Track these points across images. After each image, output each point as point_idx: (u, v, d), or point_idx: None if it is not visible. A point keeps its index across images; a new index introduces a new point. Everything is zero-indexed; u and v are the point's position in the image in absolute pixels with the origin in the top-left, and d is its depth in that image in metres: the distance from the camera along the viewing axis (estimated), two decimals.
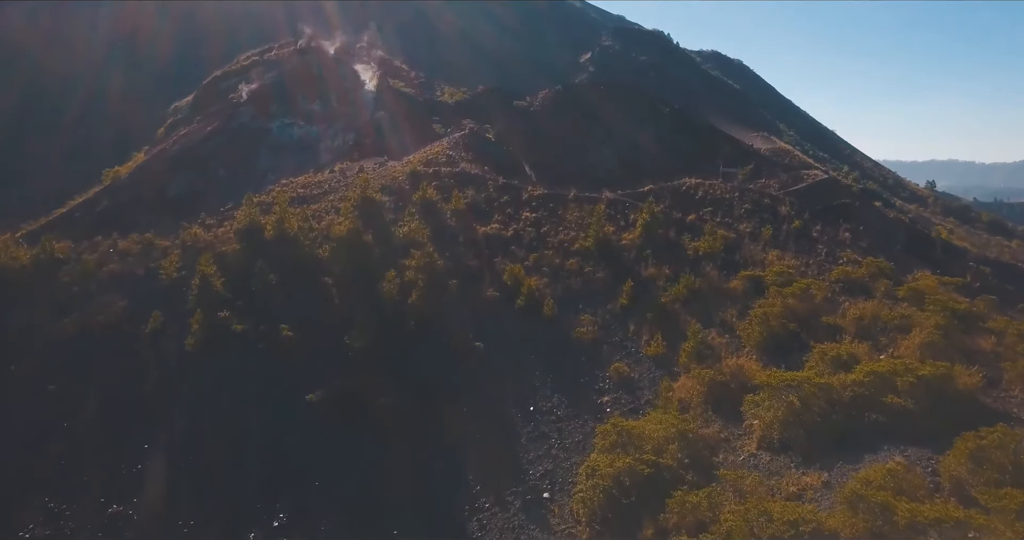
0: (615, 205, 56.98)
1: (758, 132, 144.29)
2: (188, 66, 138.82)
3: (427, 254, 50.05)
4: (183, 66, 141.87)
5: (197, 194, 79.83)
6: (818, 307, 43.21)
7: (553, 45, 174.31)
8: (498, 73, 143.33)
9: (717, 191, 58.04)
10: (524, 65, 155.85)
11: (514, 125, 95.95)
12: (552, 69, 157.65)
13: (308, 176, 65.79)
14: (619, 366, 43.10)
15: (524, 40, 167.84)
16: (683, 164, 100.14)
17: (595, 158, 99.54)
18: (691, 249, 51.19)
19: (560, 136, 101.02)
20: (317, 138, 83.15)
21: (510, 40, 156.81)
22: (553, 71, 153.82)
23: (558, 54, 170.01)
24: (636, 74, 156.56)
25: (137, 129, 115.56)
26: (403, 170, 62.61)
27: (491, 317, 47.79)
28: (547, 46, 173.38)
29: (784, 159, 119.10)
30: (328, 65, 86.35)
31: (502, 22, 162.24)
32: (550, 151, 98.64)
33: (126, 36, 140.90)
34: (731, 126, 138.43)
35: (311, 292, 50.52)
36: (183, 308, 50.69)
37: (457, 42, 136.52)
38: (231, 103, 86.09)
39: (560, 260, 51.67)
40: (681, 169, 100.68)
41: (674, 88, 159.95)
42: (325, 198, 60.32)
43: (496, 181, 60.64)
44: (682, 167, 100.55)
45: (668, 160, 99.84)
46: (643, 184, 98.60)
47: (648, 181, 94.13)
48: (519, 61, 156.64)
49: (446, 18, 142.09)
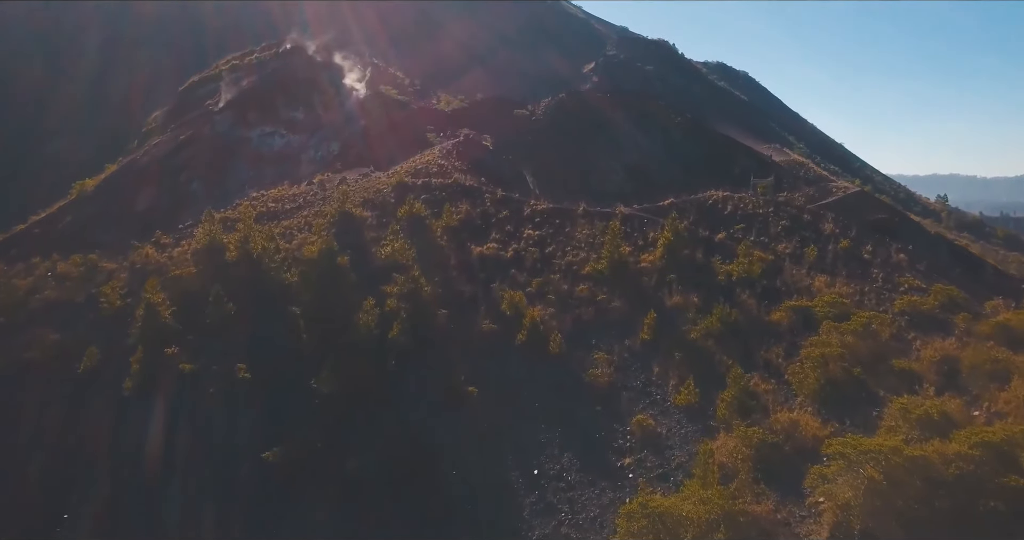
0: (631, 221, 48.90)
1: (770, 144, 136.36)
2: (189, 70, 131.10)
3: (412, 279, 41.94)
4: (181, 71, 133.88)
5: (167, 209, 71.89)
6: (885, 347, 34.99)
7: (555, 55, 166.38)
8: (498, 82, 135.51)
9: (748, 206, 49.92)
10: (525, 75, 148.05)
11: (514, 134, 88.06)
12: (554, 79, 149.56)
13: (282, 189, 57.84)
14: (642, 418, 34.85)
15: (525, 50, 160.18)
16: (696, 176, 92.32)
17: (602, 169, 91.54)
18: (723, 273, 43.02)
19: (564, 146, 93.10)
20: (299, 148, 75.23)
21: (510, 49, 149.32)
22: (555, 81, 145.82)
23: (560, 64, 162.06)
24: (641, 84, 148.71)
25: (124, 138, 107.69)
26: (388, 182, 54.63)
27: (487, 355, 39.62)
28: (549, 56, 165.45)
29: (800, 171, 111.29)
30: (313, 69, 78.68)
31: (502, 31, 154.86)
32: (553, 162, 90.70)
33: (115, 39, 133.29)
34: (741, 138, 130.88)
35: (276, 324, 42.40)
36: (126, 342, 42.67)
37: (455, 50, 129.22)
38: (207, 111, 78.27)
39: (568, 286, 43.53)
40: (694, 181, 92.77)
41: (680, 98, 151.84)
42: (299, 213, 52.29)
43: (494, 194, 52.64)
44: (695, 179, 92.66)
45: (680, 172, 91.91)
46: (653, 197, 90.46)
47: (659, 194, 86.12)
48: (520, 71, 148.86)
49: (444, 25, 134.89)
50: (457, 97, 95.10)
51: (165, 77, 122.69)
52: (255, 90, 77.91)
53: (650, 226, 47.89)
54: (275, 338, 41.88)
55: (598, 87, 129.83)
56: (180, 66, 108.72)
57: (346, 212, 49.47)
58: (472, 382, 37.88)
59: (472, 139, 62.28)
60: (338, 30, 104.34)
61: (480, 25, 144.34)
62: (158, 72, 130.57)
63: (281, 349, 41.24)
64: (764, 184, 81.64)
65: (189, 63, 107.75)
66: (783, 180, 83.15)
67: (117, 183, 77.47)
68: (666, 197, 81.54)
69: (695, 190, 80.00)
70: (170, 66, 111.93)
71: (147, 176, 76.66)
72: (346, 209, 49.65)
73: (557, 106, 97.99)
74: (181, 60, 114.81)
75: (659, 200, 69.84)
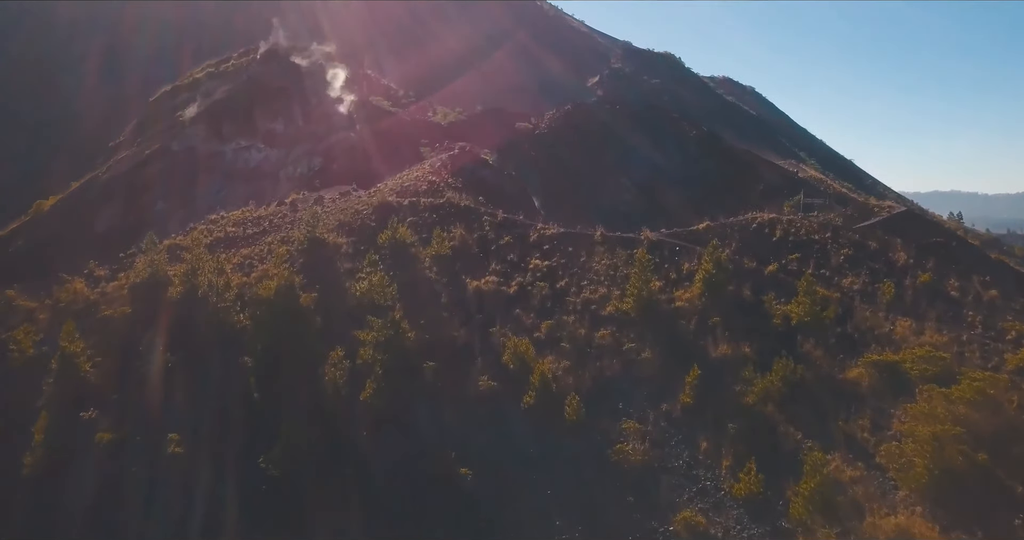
0: (660, 249, 39.99)
1: (785, 160, 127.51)
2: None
3: (392, 323, 33.07)
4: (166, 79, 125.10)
5: (129, 231, 63.19)
6: (1016, 422, 26.03)
7: (558, 68, 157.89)
8: (497, 96, 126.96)
9: (802, 230, 40.93)
10: (526, 88, 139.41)
11: (517, 149, 79.57)
12: (557, 93, 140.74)
13: (246, 210, 49.02)
14: (689, 515, 25.95)
15: (526, 62, 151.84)
16: (716, 193, 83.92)
17: (611, 186, 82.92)
18: (779, 316, 34.06)
19: (570, 162, 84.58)
20: (278, 163, 66.61)
21: (511, 61, 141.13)
22: (558, 95, 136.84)
23: (563, 78, 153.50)
24: (648, 98, 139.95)
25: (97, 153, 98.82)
26: (369, 202, 45.77)
27: (485, 423, 30.72)
28: (552, 69, 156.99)
29: (820, 187, 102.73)
30: (294, 77, 70.20)
31: (502, 43, 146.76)
32: (559, 178, 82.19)
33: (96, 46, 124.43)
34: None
35: (223, 380, 33.51)
36: (37, 402, 33.78)
37: (451, 60, 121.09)
38: (176, 122, 69.71)
39: (586, 330, 34.58)
40: (714, 199, 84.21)
41: (689, 113, 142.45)
42: (262, 240, 43.40)
43: (493, 216, 43.79)
44: (714, 196, 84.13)
45: (696, 189, 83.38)
46: (668, 216, 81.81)
47: (675, 213, 77.40)
48: (521, 84, 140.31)
49: (440, 34, 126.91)
50: (454, 109, 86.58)
51: (153, 84, 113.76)
52: (230, 100, 69.38)
53: (684, 255, 38.93)
54: (221, 397, 32.99)
55: (603, 101, 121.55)
56: (167, 74, 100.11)
57: (316, 238, 40.65)
58: (465, 460, 28.99)
59: (469, 152, 53.47)
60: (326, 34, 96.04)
61: (480, 35, 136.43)
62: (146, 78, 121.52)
63: (226, 413, 32.35)
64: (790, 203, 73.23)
65: (176, 70, 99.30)
66: (812, 198, 74.55)
67: (76, 202, 68.77)
68: (683, 216, 72.39)
69: (716, 209, 71.18)
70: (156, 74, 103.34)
71: (108, 195, 68.04)
72: (316, 235, 40.83)
73: (563, 119, 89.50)
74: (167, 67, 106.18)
75: (676, 219, 61.42)
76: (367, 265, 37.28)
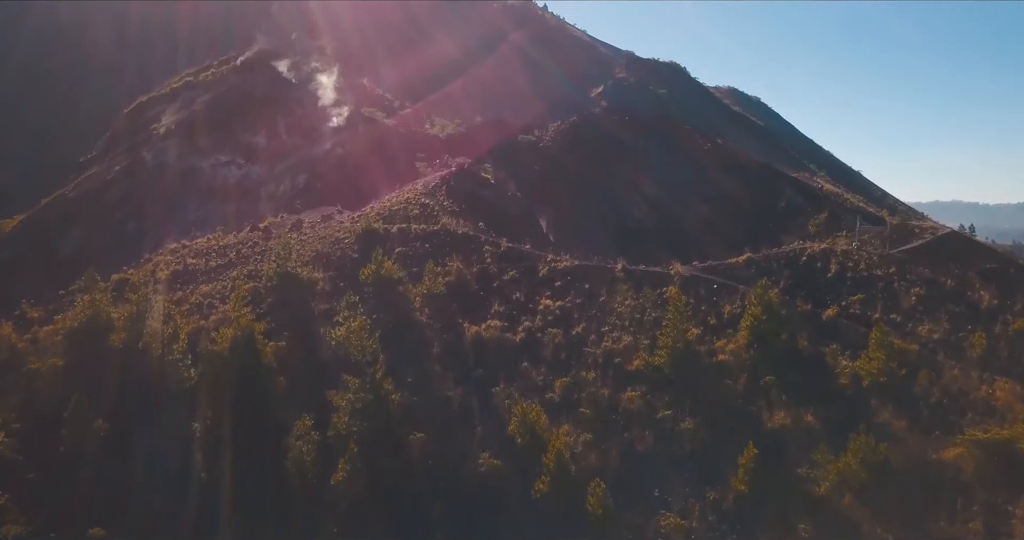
0: (694, 286, 33.40)
1: (799, 172, 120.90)
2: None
3: (372, 383, 26.60)
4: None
5: (97, 253, 56.78)
6: None
7: (560, 78, 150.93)
8: (498, 108, 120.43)
9: (860, 263, 34.32)
10: (528, 98, 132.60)
11: (520, 163, 73.31)
12: (560, 103, 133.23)
13: (213, 237, 42.50)
14: None
15: (527, 71, 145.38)
16: (730, 210, 77.67)
17: (622, 202, 76.57)
18: (847, 373, 27.48)
19: (577, 176, 78.25)
20: (260, 180, 60.23)
21: (512, 71, 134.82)
22: (561, 105, 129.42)
23: (566, 88, 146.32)
24: (655, 109, 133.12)
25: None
26: (352, 229, 39.17)
27: (487, 514, 24.10)
28: (554, 80, 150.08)
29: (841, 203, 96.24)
30: (279, 86, 63.85)
31: (502, 53, 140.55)
32: (565, 194, 75.84)
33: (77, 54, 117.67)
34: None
35: (165, 454, 26.92)
36: None
37: (451, 71, 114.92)
38: (152, 136, 63.38)
39: (610, 390, 28.02)
40: (729, 217, 78.02)
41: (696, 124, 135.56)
42: (227, 274, 36.81)
43: (496, 245, 37.23)
44: (729, 214, 77.92)
45: (713, 206, 77.09)
46: (684, 234, 75.62)
47: (693, 233, 71.00)
48: (523, 93, 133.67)
49: (438, 43, 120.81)
50: (453, 121, 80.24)
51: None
52: (208, 111, 62.99)
53: (724, 295, 32.34)
54: (161, 476, 26.45)
55: (609, 111, 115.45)
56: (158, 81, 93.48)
57: (288, 274, 34.09)
58: None
59: (467, 170, 46.81)
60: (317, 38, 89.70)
61: (479, 42, 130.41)
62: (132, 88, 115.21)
63: (167, 497, 25.78)
64: (816, 222, 67.01)
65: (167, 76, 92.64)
66: (840, 217, 68.09)
67: (40, 223, 62.35)
68: (698, 235, 66.17)
69: (733, 227, 65.88)
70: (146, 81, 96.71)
71: (75, 215, 61.68)
72: (288, 269, 34.27)
73: (569, 131, 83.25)
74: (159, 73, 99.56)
75: (690, 238, 55.72)
76: (345, 307, 30.71)
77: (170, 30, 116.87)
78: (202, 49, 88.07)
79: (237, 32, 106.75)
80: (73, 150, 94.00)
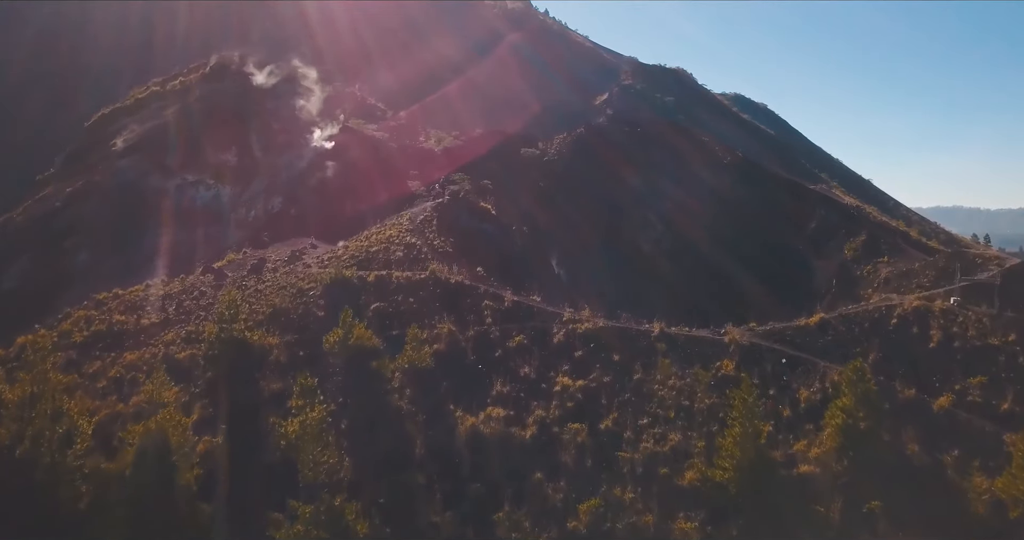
0: (754, 357, 25.42)
1: (816, 184, 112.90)
2: None
3: (330, 514, 18.72)
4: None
5: (44, 288, 49.24)
6: None
7: (563, 85, 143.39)
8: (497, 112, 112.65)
9: (968, 329, 26.27)
10: (530, 106, 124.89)
11: (523, 180, 65.58)
12: (563, 111, 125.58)
13: (152, 284, 34.45)
14: None
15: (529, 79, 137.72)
16: (757, 231, 69.49)
17: (634, 221, 68.71)
18: (981, 497, 19.54)
19: (585, 194, 70.43)
20: (231, 203, 52.47)
21: (512, 76, 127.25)
22: (565, 113, 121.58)
23: (569, 95, 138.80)
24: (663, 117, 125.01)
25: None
26: (320, 276, 31.09)
27: None
28: (556, 87, 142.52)
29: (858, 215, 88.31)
30: (254, 97, 55.92)
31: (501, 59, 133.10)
32: (572, 213, 68.00)
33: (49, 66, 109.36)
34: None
35: None
36: None
37: (448, 76, 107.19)
38: (111, 153, 55.59)
39: (657, 517, 20.06)
40: (754, 239, 69.49)
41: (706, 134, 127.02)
42: (160, 337, 28.80)
43: (498, 298, 29.22)
44: (755, 235, 69.42)
45: (735, 225, 69.04)
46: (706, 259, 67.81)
47: (714, 257, 63.09)
48: (524, 102, 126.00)
49: (435, 48, 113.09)
50: (450, 133, 72.38)
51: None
52: (174, 125, 55.14)
53: (798, 374, 24.43)
54: None
55: (615, 119, 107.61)
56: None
57: (232, 340, 26.15)
58: None
59: (463, 199, 38.56)
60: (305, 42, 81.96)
61: (478, 47, 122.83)
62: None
63: None
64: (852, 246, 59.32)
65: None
66: (879, 241, 60.17)
67: None
68: (720, 260, 58.51)
69: (759, 248, 58.62)
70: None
71: (23, 242, 53.90)
72: (233, 333, 26.33)
73: (576, 143, 75.35)
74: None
75: (711, 264, 48.69)
76: (300, 393, 22.74)
77: (170, 30, 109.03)
78: (199, 51, 79.55)
79: (235, 33, 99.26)
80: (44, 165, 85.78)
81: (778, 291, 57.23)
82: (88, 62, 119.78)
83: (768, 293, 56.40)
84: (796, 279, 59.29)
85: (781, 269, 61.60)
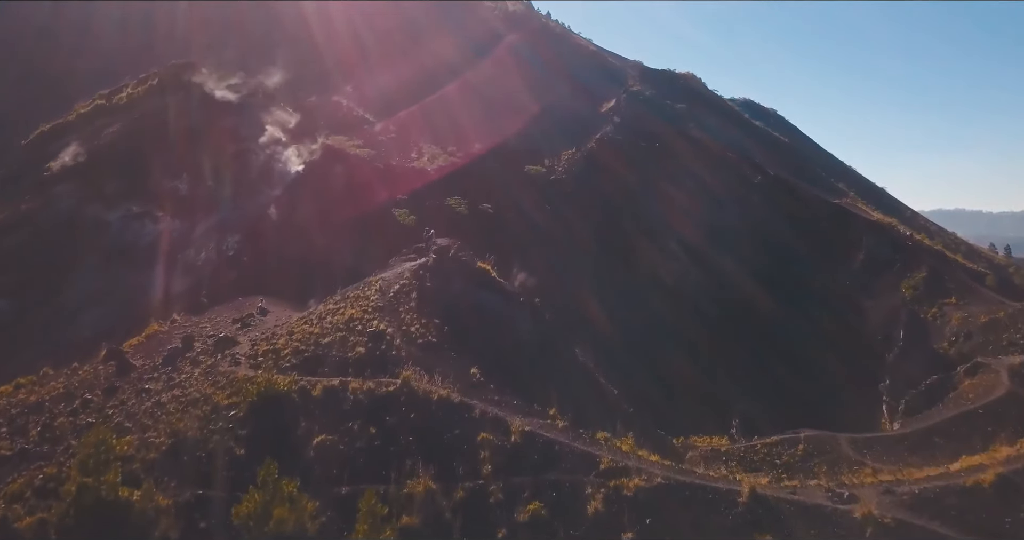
0: None
1: (839, 198, 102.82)
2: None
3: None
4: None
5: None
6: None
7: (566, 92, 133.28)
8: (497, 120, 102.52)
9: None
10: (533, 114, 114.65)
11: (528, 204, 56.32)
12: (567, 121, 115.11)
13: (21, 383, 24.92)
14: None
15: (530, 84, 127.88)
16: (793, 261, 59.61)
17: (652, 248, 59.49)
18: None
19: (596, 216, 61.24)
20: (181, 240, 43.08)
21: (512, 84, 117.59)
22: (569, 123, 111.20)
23: (574, 101, 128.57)
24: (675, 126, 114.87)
25: None
26: (247, 387, 21.43)
27: None
28: (559, 94, 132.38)
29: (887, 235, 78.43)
30: (212, 114, 46.59)
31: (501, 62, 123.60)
32: (581, 237, 58.77)
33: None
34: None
35: None
36: None
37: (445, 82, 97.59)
38: (45, 178, 46.17)
39: None
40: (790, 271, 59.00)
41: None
42: (15, 476, 19.38)
43: (504, 429, 19.60)
44: (792, 266, 59.01)
45: (766, 254, 59.67)
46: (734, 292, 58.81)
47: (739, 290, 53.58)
48: (525, 109, 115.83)
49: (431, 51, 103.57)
50: (445, 149, 63.06)
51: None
52: (118, 146, 45.74)
53: None
54: None
55: (621, 130, 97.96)
56: None
57: (95, 502, 16.74)
58: None
59: (454, 257, 28.53)
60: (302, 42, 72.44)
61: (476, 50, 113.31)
62: None
63: None
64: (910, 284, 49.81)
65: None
66: (943, 276, 50.83)
67: None
68: (755, 295, 50.94)
69: (798, 286, 51.23)
70: None
71: None
72: (99, 490, 16.91)
73: (585, 160, 66.30)
74: None
75: (746, 301, 40.78)
76: None
77: (170, 31, 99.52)
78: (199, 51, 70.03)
79: (234, 35, 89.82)
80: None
81: (830, 343, 48.08)
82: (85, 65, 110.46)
83: (820, 347, 47.34)
84: (847, 326, 50.03)
85: (828, 311, 52.42)
